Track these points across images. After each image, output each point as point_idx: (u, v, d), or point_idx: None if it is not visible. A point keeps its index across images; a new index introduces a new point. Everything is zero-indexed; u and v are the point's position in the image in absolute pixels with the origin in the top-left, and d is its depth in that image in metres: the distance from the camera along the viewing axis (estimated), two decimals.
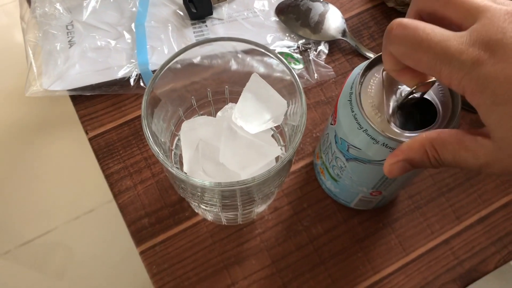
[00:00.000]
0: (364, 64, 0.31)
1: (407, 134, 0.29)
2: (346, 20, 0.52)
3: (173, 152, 0.39)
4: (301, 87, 0.31)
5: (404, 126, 0.30)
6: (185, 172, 0.36)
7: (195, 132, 0.36)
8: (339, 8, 0.52)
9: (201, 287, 0.41)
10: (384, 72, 0.31)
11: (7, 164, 1.31)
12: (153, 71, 0.47)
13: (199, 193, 0.33)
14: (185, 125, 0.37)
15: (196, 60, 0.35)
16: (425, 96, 0.30)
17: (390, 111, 0.30)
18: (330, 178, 0.41)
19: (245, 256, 0.43)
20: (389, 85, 0.31)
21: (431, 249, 0.43)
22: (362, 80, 0.31)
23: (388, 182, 0.35)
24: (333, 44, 0.51)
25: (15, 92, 1.39)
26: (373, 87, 0.31)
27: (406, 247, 0.43)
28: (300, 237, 0.44)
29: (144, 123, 0.30)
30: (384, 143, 0.30)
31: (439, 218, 0.44)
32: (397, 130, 0.29)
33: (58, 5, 0.47)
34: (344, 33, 0.50)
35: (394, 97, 0.30)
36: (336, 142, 0.35)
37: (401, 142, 0.28)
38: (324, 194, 0.45)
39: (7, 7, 1.55)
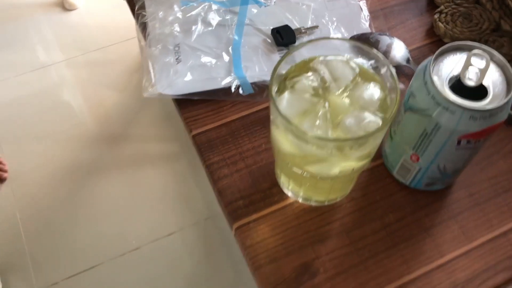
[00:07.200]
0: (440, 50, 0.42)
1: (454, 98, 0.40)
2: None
3: None
4: (395, 75, 0.40)
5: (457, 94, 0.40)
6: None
7: None
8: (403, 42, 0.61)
9: (290, 259, 0.48)
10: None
11: (61, 199, 1.39)
12: (251, 83, 0.56)
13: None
14: None
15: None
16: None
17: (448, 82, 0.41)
18: (389, 137, 0.50)
19: (327, 236, 0.49)
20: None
21: (491, 239, 0.49)
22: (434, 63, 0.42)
23: (425, 143, 0.44)
24: (398, 69, 0.59)
25: (65, 137, 1.50)
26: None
27: (469, 236, 0.49)
28: (374, 224, 0.50)
29: (272, 100, 0.39)
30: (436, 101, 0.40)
31: (497, 214, 0.50)
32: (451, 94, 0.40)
33: (176, 26, 0.58)
34: (408, 60, 0.59)
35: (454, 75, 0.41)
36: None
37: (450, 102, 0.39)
38: (395, 188, 0.52)
39: (59, 65, 1.68)
